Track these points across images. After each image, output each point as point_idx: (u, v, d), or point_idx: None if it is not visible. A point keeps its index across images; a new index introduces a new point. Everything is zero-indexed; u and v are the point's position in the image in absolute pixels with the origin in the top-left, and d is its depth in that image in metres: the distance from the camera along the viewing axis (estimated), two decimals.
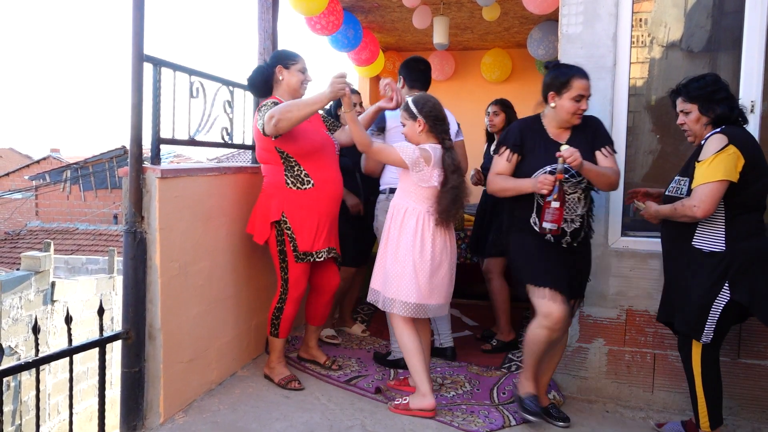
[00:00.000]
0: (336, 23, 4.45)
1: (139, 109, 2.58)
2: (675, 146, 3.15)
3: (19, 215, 17.38)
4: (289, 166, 2.99)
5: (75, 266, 11.35)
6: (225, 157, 17.48)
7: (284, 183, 2.99)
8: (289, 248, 3.01)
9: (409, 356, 2.81)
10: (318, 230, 3.03)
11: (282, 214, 2.99)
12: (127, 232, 2.59)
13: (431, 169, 2.75)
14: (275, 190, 3.01)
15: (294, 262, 3.02)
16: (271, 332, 3.13)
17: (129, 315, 2.61)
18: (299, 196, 2.99)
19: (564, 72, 2.65)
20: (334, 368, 3.33)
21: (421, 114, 2.78)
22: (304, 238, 3.01)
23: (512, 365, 3.58)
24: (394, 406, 2.88)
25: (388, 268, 2.81)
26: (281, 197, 2.99)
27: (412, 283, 2.74)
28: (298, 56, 3.12)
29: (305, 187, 2.99)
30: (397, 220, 2.82)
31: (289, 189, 2.99)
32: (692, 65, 3.19)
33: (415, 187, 2.78)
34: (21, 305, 7.23)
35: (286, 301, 3.06)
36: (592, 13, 2.99)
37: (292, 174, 2.99)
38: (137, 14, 2.54)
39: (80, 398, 8.11)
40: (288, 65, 3.08)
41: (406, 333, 2.82)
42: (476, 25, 5.34)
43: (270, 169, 3.05)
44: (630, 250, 3.00)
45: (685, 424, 2.68)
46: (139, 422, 2.65)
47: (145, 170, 2.61)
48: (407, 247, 2.76)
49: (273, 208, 3.00)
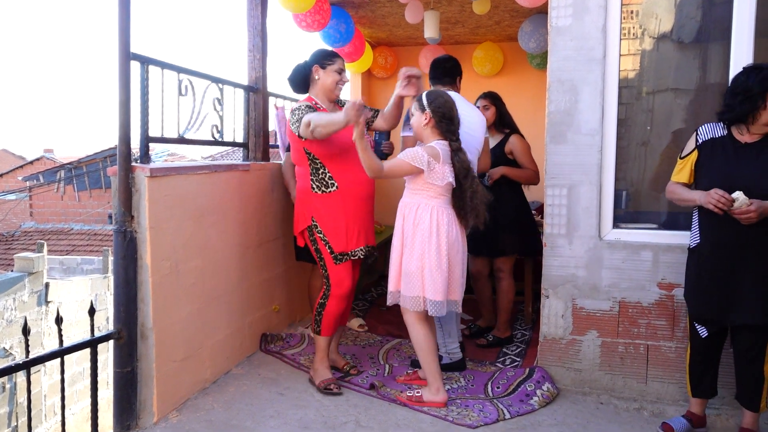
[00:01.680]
0: (322, 21, 4.43)
1: (127, 108, 2.56)
2: (666, 138, 3.15)
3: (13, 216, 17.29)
4: (315, 169, 3.01)
5: (70, 267, 11.30)
6: (219, 155, 17.43)
7: (310, 188, 3.03)
8: (325, 250, 3.03)
9: (424, 353, 2.86)
10: (348, 231, 3.03)
11: (312, 219, 3.03)
12: (117, 232, 2.58)
13: (442, 165, 2.76)
14: (304, 195, 3.07)
15: (333, 264, 3.03)
16: (314, 329, 3.10)
17: (120, 315, 2.60)
18: (324, 199, 3.01)
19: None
20: (352, 372, 3.26)
21: (430, 107, 2.79)
22: (338, 240, 3.02)
23: (506, 359, 3.59)
24: (407, 398, 2.90)
25: (405, 267, 2.81)
26: (309, 202, 3.04)
27: (431, 279, 2.75)
28: (336, 56, 3.10)
29: (329, 190, 3.00)
30: (410, 219, 2.81)
31: (314, 193, 3.02)
32: (683, 56, 3.19)
33: (427, 185, 2.77)
34: (15, 307, 7.21)
35: (329, 297, 3.05)
36: (581, 6, 2.98)
37: (316, 178, 3.01)
38: (123, 12, 2.53)
39: (76, 399, 8.10)
40: (325, 65, 3.06)
41: (422, 331, 2.86)
42: (467, 19, 5.33)
43: (300, 172, 3.10)
44: (622, 241, 3.00)
45: (689, 417, 2.70)
46: (132, 422, 2.64)
47: (134, 169, 2.59)
48: (423, 244, 2.76)
49: (304, 214, 3.07)
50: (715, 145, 2.52)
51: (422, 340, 2.86)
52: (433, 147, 2.76)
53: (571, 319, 3.08)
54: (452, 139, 2.81)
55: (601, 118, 2.98)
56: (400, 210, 2.88)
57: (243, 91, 3.69)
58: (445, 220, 2.77)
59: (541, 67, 5.64)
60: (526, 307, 4.36)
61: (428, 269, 2.74)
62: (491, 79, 5.96)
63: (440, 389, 2.86)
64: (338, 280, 3.04)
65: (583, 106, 2.99)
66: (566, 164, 3.03)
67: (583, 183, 3.02)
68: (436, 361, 2.89)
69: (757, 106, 2.38)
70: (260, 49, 3.79)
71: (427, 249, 2.75)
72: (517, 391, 2.99)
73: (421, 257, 2.76)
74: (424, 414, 2.80)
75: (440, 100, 2.80)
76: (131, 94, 2.58)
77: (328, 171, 3.00)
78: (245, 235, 3.38)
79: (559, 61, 3.02)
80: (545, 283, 3.10)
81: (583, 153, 3.01)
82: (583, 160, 3.01)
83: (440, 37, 5.37)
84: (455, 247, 2.80)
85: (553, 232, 3.07)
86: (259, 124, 3.79)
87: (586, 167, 3.01)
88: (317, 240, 3.04)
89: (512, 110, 4.02)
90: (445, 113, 2.79)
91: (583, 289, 3.04)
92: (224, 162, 3.65)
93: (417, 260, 2.77)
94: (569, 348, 3.09)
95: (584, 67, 2.98)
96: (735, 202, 2.34)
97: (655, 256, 2.93)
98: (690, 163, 2.58)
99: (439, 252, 2.74)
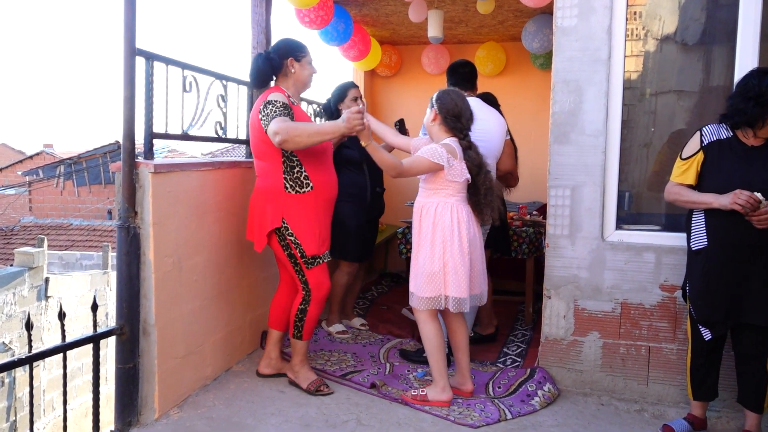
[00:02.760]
0: (325, 18, 4.41)
1: (132, 104, 2.56)
2: (669, 139, 3.15)
3: (12, 211, 17.26)
4: (290, 167, 2.87)
5: (69, 262, 11.29)
6: (220, 152, 17.42)
7: (282, 187, 2.88)
8: (297, 254, 2.92)
9: (433, 350, 2.87)
10: (320, 234, 2.96)
11: (282, 220, 2.89)
12: (121, 228, 2.57)
13: (459, 162, 2.78)
14: (272, 195, 2.89)
15: (307, 268, 2.95)
16: (294, 334, 3.03)
17: (123, 311, 2.60)
18: (298, 200, 2.89)
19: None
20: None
21: (437, 104, 2.84)
22: (310, 243, 2.91)
23: (507, 359, 3.59)
24: (411, 397, 2.90)
25: (425, 268, 2.79)
26: (279, 202, 2.88)
27: (454, 277, 2.75)
28: (306, 47, 3.01)
29: (304, 190, 2.89)
30: (428, 220, 2.80)
31: (287, 194, 2.88)
32: (687, 58, 3.19)
33: (446, 183, 2.78)
34: (15, 301, 7.20)
35: (310, 302, 2.98)
36: (586, 6, 2.98)
37: (291, 177, 2.88)
38: (129, 7, 2.52)
39: (75, 394, 8.09)
40: (299, 57, 2.97)
41: (434, 328, 2.86)
42: (471, 19, 5.32)
43: (266, 168, 2.92)
44: (625, 243, 3.00)
45: (690, 420, 2.70)
46: (133, 418, 2.64)
47: (138, 165, 2.59)
48: (444, 243, 2.76)
49: (271, 214, 2.89)
50: (722, 147, 2.51)
51: (433, 337, 2.86)
52: (449, 144, 2.78)
53: (572, 320, 3.08)
54: (460, 137, 2.83)
55: (606, 119, 2.98)
56: (417, 212, 2.87)
57: (246, 88, 3.68)
58: (465, 217, 2.79)
59: (543, 67, 5.63)
60: (526, 307, 4.36)
61: (452, 267, 2.75)
62: (493, 79, 5.95)
63: (446, 388, 2.86)
64: (317, 283, 2.97)
65: (588, 106, 2.99)
66: (570, 165, 3.03)
67: (586, 184, 3.02)
68: (444, 360, 2.89)
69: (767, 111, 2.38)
70: (264, 46, 3.78)
71: (449, 247, 2.75)
72: (518, 392, 2.99)
73: (443, 256, 2.76)
74: (425, 413, 2.80)
75: (446, 98, 2.83)
76: (136, 90, 2.58)
77: (304, 170, 2.88)
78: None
79: (564, 62, 3.02)
80: (547, 284, 3.10)
81: (586, 154, 3.01)
82: (586, 160, 3.01)
83: (443, 37, 5.37)
84: (475, 242, 2.83)
85: (555, 233, 3.07)
86: None
87: (589, 168, 3.01)
88: (288, 243, 2.91)
89: (514, 110, 4.04)
90: (450, 110, 2.81)
91: (585, 290, 3.04)
92: (227, 159, 3.64)
93: (438, 260, 2.77)
94: (570, 349, 3.10)
95: (589, 68, 2.98)
96: (761, 203, 2.34)
97: (657, 258, 2.93)
98: (696, 164, 2.57)
99: (461, 249, 2.75)
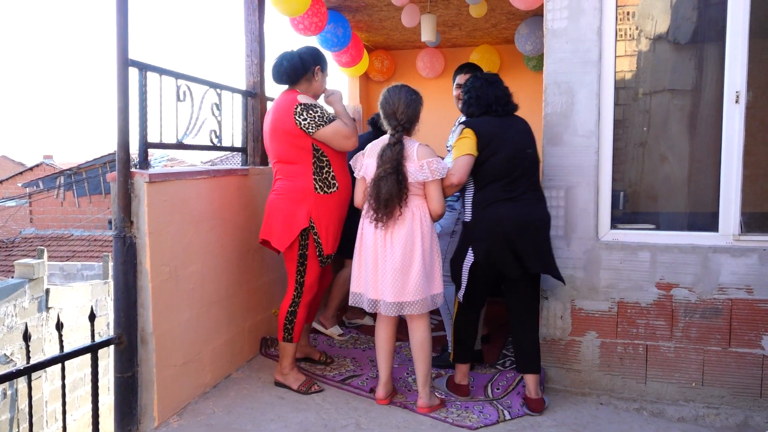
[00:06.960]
0: (319, 25, 4.44)
1: (126, 114, 2.58)
2: (664, 138, 3.17)
3: (13, 223, 17.29)
4: (319, 167, 2.96)
5: (70, 273, 11.31)
6: (219, 160, 17.44)
7: (312, 188, 2.95)
8: (313, 253, 3.00)
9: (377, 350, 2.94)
10: (337, 234, 3.08)
11: (310, 220, 2.96)
12: (117, 238, 2.59)
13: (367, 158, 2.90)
14: (303, 196, 2.95)
15: (317, 267, 3.03)
16: (284, 338, 3.06)
17: (121, 320, 2.61)
18: (326, 200, 2.98)
19: None
20: (328, 362, 3.41)
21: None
22: (329, 242, 3.03)
23: (506, 361, 3.59)
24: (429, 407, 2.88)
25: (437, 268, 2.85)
26: (309, 203, 2.96)
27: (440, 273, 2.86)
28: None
29: (331, 190, 2.99)
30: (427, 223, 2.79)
31: (317, 194, 2.96)
32: (679, 57, 3.21)
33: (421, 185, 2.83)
34: (16, 313, 7.22)
35: (300, 304, 3.04)
36: (576, 8, 3.00)
37: (320, 177, 2.96)
38: (121, 18, 2.54)
39: (78, 404, 8.10)
40: (324, 68, 3.12)
41: (380, 331, 2.91)
42: (464, 22, 5.35)
43: (295, 171, 2.97)
44: (620, 242, 3.01)
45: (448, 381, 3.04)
46: (133, 427, 2.65)
47: (133, 175, 2.61)
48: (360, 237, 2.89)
49: (300, 215, 2.95)
50: None
51: (377, 339, 2.94)
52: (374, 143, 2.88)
53: (569, 320, 3.09)
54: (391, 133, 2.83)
55: (598, 120, 3.00)
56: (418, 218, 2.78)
57: (241, 96, 3.71)
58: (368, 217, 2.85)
59: (537, 69, 5.66)
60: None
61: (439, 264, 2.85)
62: None
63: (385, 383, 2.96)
64: (310, 285, 3.05)
65: (580, 107, 3.01)
66: (563, 166, 3.05)
67: (580, 184, 3.03)
68: (385, 359, 2.94)
69: None
70: (258, 54, 3.80)
71: (359, 244, 2.89)
72: (516, 392, 3.00)
73: (359, 251, 2.88)
74: (424, 416, 2.80)
75: (381, 96, 2.87)
76: (130, 100, 2.60)
77: (332, 170, 2.98)
78: (244, 239, 3.39)
79: (555, 64, 3.04)
80: (544, 285, 3.11)
81: (579, 154, 3.02)
82: (580, 161, 3.02)
83: (438, 40, 5.39)
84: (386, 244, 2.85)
85: (550, 234, 3.08)
86: (258, 128, 3.80)
87: (583, 169, 3.02)
88: (309, 242, 2.98)
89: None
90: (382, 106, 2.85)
91: (582, 290, 3.05)
92: (223, 167, 3.66)
93: (356, 254, 2.89)
94: (568, 349, 3.10)
95: (580, 69, 3.00)
96: None
97: (653, 257, 2.94)
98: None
99: (365, 248, 2.86)
